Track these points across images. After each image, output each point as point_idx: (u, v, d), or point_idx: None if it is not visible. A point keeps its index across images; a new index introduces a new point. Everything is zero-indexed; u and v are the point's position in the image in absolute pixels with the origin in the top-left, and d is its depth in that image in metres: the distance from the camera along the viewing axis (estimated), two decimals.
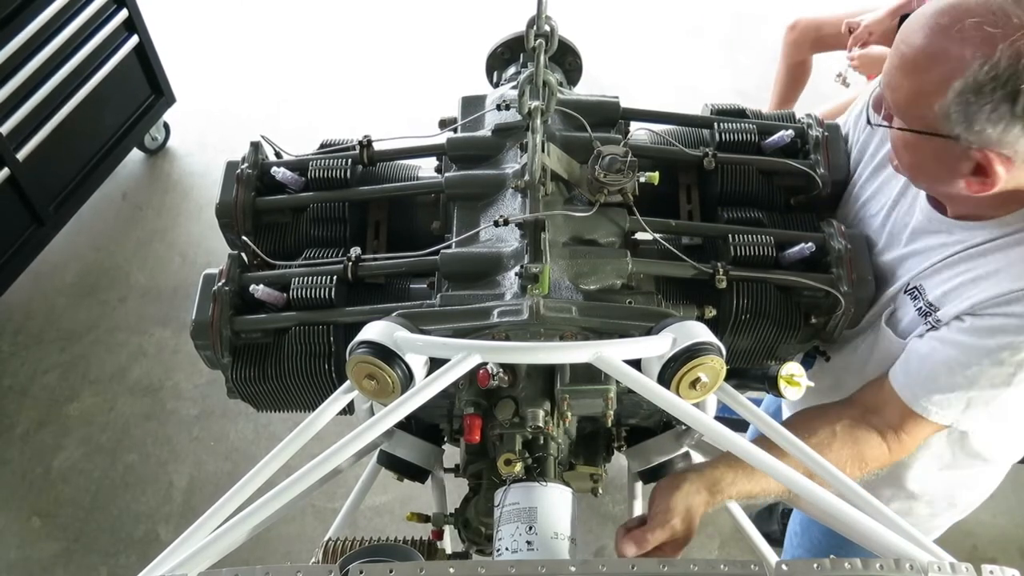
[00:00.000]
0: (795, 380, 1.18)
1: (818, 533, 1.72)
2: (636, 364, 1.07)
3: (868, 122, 1.28)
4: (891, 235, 1.30)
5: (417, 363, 1.06)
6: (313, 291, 1.25)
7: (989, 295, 1.12)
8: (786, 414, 1.68)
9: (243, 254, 1.36)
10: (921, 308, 1.20)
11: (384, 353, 1.03)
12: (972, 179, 1.08)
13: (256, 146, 1.45)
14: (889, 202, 1.30)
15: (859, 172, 1.38)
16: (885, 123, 1.13)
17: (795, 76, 3.20)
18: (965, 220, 1.18)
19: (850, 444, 1.24)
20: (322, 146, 1.48)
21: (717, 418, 1.10)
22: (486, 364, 1.05)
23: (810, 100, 3.18)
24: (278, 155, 1.49)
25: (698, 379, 1.03)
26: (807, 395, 1.20)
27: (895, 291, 1.26)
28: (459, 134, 1.43)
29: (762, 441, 1.17)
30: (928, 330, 1.20)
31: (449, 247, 1.25)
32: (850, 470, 1.23)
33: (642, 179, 1.26)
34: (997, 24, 0.97)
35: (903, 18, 2.84)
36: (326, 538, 1.18)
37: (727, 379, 1.07)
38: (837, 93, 2.98)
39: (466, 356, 1.03)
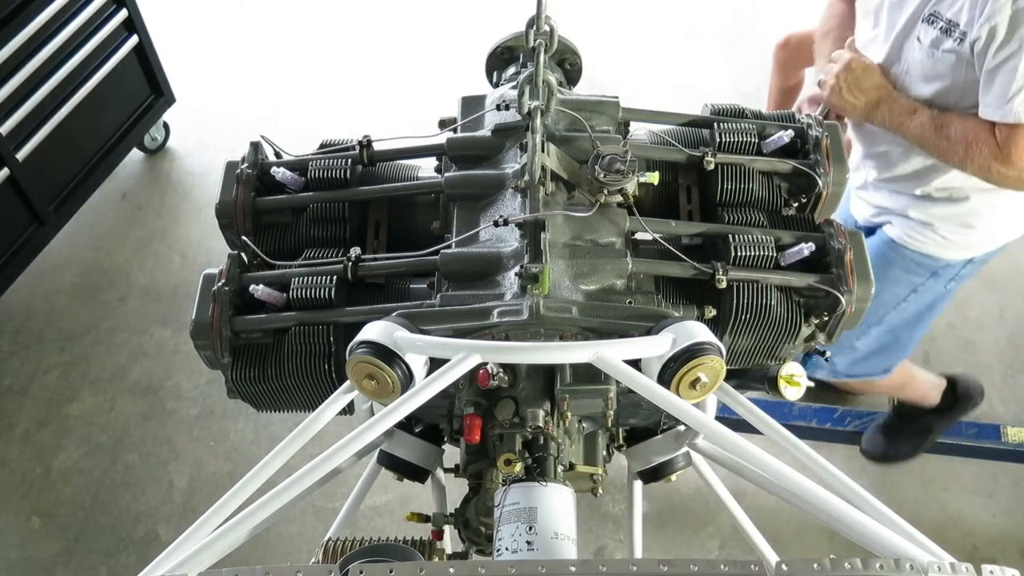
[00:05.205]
0: (795, 380, 1.19)
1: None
2: (636, 364, 1.07)
3: None
4: None
5: (417, 363, 1.06)
6: (313, 291, 1.25)
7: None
8: None
9: (243, 254, 1.36)
10: (942, 27, 1.55)
11: (384, 353, 1.03)
12: None
13: (256, 146, 1.45)
14: None
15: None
16: None
17: (790, 95, 3.18)
18: None
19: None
20: (322, 146, 1.48)
21: (717, 418, 1.10)
22: (486, 364, 1.05)
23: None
24: (278, 155, 1.49)
25: (698, 379, 1.03)
26: None
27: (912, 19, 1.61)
28: (459, 134, 1.42)
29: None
30: (957, 44, 1.56)
31: (449, 247, 1.25)
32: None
33: (642, 179, 1.26)
34: None
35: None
36: (326, 538, 1.18)
37: (727, 379, 1.08)
38: None
39: (466, 356, 1.03)
